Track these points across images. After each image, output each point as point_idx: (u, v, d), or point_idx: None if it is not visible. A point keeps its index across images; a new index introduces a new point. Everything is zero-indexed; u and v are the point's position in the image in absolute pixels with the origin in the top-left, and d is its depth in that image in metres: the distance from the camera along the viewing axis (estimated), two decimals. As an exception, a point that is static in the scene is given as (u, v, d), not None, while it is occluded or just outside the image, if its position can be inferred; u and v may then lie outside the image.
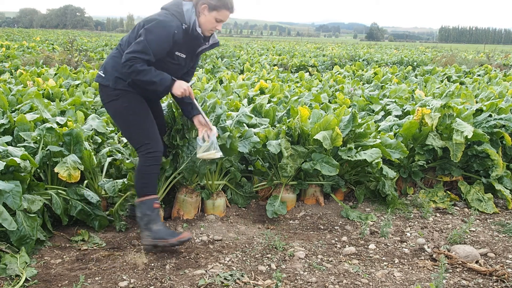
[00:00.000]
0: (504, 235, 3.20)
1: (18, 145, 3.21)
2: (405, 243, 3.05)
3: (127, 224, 3.14)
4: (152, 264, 2.64)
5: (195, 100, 2.95)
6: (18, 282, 2.33)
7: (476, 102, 5.01)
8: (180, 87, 2.77)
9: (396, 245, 3.02)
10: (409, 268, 2.69)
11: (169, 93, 2.90)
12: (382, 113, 5.23)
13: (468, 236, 3.16)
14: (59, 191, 3.04)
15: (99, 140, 3.66)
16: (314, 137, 3.26)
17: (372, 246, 2.97)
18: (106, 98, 2.85)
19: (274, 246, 2.89)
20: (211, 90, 7.35)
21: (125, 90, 2.79)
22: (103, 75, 2.82)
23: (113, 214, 3.13)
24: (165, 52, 2.74)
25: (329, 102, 6.50)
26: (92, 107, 5.70)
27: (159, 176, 3.12)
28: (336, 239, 3.08)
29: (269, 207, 3.35)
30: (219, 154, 2.98)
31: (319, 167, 3.27)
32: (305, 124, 3.50)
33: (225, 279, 2.45)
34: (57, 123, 3.38)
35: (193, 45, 2.88)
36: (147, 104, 2.89)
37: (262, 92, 6.91)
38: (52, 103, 4.61)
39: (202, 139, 2.97)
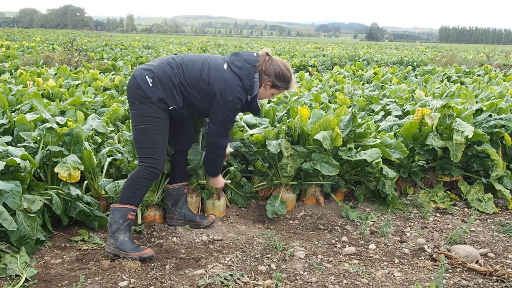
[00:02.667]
0: (504, 235, 3.20)
1: (18, 145, 3.21)
2: (405, 243, 3.05)
3: (135, 227, 3.11)
4: (152, 264, 2.64)
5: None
6: (18, 282, 2.33)
7: (476, 102, 5.01)
8: (219, 182, 3.18)
9: (396, 245, 3.02)
10: (409, 268, 2.69)
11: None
12: (382, 113, 5.22)
13: (468, 236, 3.16)
14: (59, 191, 3.04)
15: (99, 140, 3.66)
16: (314, 137, 3.26)
17: (372, 246, 2.97)
18: (140, 100, 2.75)
19: (274, 246, 2.89)
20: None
21: (160, 109, 2.76)
22: (151, 85, 2.73)
23: None
24: None
25: (329, 102, 6.50)
26: (92, 107, 5.70)
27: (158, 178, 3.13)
28: (336, 239, 3.08)
29: (269, 207, 3.35)
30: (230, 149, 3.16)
31: (319, 167, 3.27)
32: (305, 124, 3.50)
33: (225, 279, 2.45)
34: (57, 123, 3.37)
35: (243, 110, 3.00)
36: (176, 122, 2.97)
37: (262, 92, 6.89)
38: (52, 103, 4.60)
39: None
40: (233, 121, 2.92)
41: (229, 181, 3.40)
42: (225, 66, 2.83)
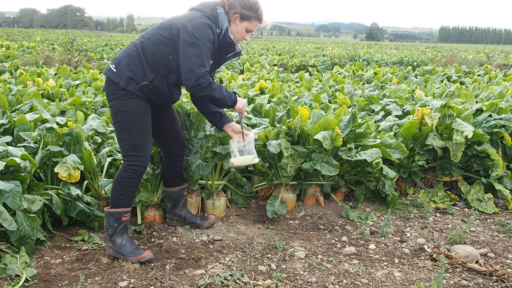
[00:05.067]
0: (504, 235, 3.20)
1: (18, 145, 3.21)
2: (405, 243, 3.04)
3: (135, 227, 3.12)
4: (152, 264, 2.64)
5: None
6: (18, 282, 2.33)
7: (476, 102, 5.01)
8: (242, 101, 2.81)
9: (396, 245, 3.02)
10: (409, 268, 2.69)
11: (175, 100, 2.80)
12: (382, 113, 5.22)
13: (468, 236, 3.16)
14: (59, 191, 3.04)
15: (99, 140, 3.66)
16: (314, 137, 3.26)
17: (372, 246, 2.97)
18: (112, 95, 2.65)
19: (274, 246, 2.89)
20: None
21: (134, 94, 2.61)
22: (115, 70, 2.62)
23: None
24: None
25: (329, 102, 6.50)
26: (92, 107, 5.70)
27: (155, 180, 3.12)
28: (336, 239, 3.08)
29: (269, 207, 3.35)
30: (256, 159, 2.93)
31: (319, 167, 3.27)
32: (305, 124, 3.50)
33: (225, 279, 2.45)
34: (57, 123, 3.37)
35: (221, 51, 2.78)
36: (157, 110, 2.80)
37: (262, 92, 6.91)
38: (52, 103, 4.60)
39: (237, 145, 2.93)
40: (208, 58, 2.57)
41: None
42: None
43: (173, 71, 2.64)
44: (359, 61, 16.02)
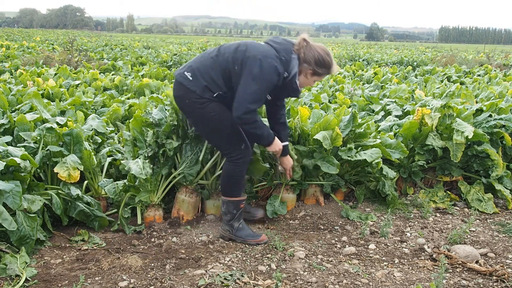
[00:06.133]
0: (504, 235, 3.20)
1: (18, 145, 3.21)
2: (405, 243, 3.04)
3: (135, 227, 3.11)
4: (152, 264, 2.64)
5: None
6: (18, 282, 2.33)
7: (476, 102, 5.00)
8: (276, 145, 2.91)
9: (396, 245, 3.02)
10: (409, 268, 2.69)
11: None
12: (382, 113, 5.23)
13: (468, 236, 3.16)
14: (59, 191, 3.04)
15: (99, 140, 3.66)
16: (314, 137, 3.26)
17: (372, 246, 2.97)
18: (190, 105, 2.77)
19: (274, 246, 2.89)
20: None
21: (210, 99, 2.74)
22: (191, 79, 2.74)
23: (119, 219, 3.10)
24: None
25: (329, 102, 6.50)
26: (92, 107, 5.70)
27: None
28: (336, 239, 3.08)
29: (269, 207, 3.35)
30: None
31: (320, 163, 3.31)
32: (305, 124, 3.50)
33: (225, 279, 2.45)
34: (57, 123, 3.37)
35: (283, 91, 2.85)
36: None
37: (262, 92, 6.89)
38: (52, 103, 4.60)
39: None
40: (263, 97, 2.70)
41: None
42: (263, 42, 2.82)
43: None
44: (359, 61, 16.02)
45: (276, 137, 2.89)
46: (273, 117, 3.06)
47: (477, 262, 2.72)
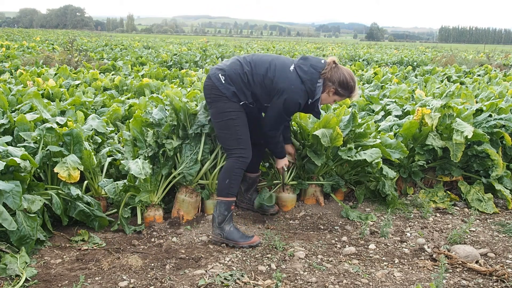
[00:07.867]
0: (504, 235, 3.20)
1: (18, 145, 3.21)
2: (405, 243, 3.05)
3: (135, 227, 3.11)
4: (152, 264, 2.64)
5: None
6: (18, 282, 2.33)
7: (476, 102, 5.00)
8: (283, 162, 3.34)
9: (396, 245, 3.02)
10: (409, 268, 2.69)
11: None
12: (382, 113, 5.22)
13: (468, 236, 3.16)
14: (59, 191, 3.04)
15: (99, 140, 3.66)
16: (313, 133, 3.29)
17: (372, 246, 2.97)
18: (216, 98, 2.95)
19: (274, 246, 2.89)
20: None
21: (235, 102, 2.95)
22: (223, 82, 2.93)
23: (119, 219, 3.10)
24: None
25: (329, 102, 6.49)
26: (92, 107, 5.70)
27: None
28: (336, 239, 3.08)
29: (257, 200, 3.42)
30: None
31: (309, 153, 3.39)
32: (305, 124, 3.50)
33: (225, 279, 2.45)
34: (57, 123, 3.37)
35: (304, 112, 3.17)
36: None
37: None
38: (52, 103, 4.60)
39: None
40: (286, 119, 3.08)
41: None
42: (292, 67, 2.95)
43: (266, 107, 3.04)
44: (359, 61, 16.02)
45: (286, 155, 3.33)
46: None
47: (477, 262, 2.72)
